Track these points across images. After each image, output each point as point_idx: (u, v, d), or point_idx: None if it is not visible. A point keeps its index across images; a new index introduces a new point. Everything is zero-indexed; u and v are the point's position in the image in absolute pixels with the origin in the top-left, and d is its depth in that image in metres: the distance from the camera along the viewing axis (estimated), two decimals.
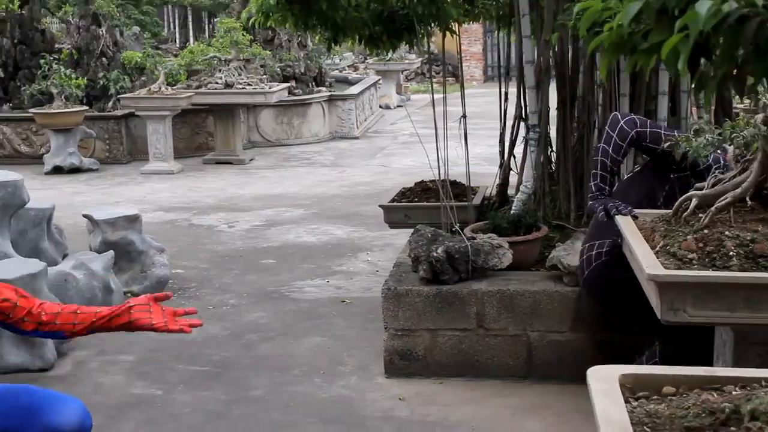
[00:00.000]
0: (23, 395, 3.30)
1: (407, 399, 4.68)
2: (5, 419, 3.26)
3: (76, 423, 3.22)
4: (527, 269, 5.08)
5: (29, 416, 3.23)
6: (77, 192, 11.06)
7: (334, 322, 5.92)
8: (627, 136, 3.97)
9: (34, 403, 3.25)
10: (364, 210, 9.38)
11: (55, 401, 3.26)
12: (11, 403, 3.27)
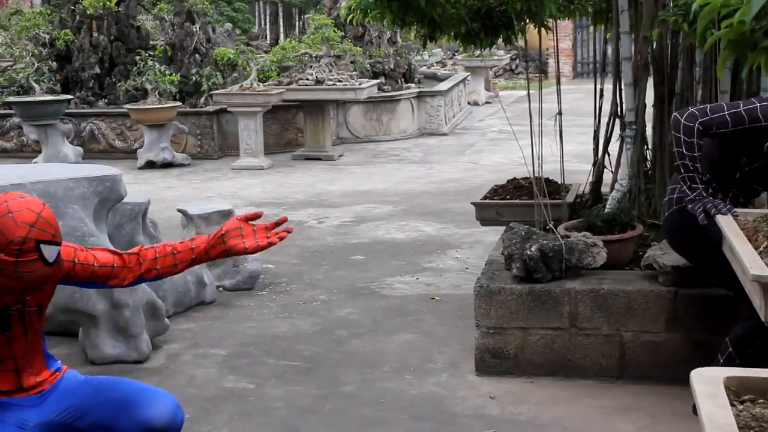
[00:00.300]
0: (117, 388, 3.36)
1: (498, 397, 4.65)
2: (99, 411, 3.33)
3: (167, 417, 3.27)
4: (621, 268, 5.01)
5: (122, 409, 3.28)
6: (170, 186, 11.24)
7: (424, 318, 5.91)
8: (692, 131, 3.88)
9: (127, 397, 3.31)
10: (452, 207, 9.36)
11: (148, 395, 3.31)
12: (105, 396, 3.34)
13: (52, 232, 2.97)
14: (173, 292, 5.99)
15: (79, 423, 3.35)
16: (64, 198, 5.97)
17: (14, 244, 2.90)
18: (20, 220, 2.91)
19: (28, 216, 2.93)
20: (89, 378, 3.53)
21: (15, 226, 2.91)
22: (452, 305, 6.14)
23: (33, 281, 3.02)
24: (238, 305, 6.31)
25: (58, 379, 3.46)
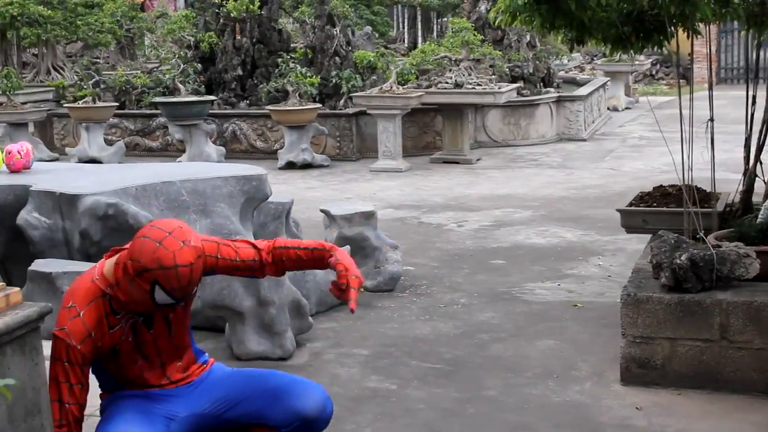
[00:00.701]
0: (269, 379, 3.44)
1: (645, 409, 4.56)
2: (251, 402, 3.40)
3: (319, 408, 3.34)
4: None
5: (274, 399, 3.36)
6: (309, 187, 11.40)
7: (567, 326, 5.84)
8: None
9: (280, 387, 3.38)
10: (593, 213, 9.23)
11: (300, 386, 3.38)
12: (257, 387, 3.41)
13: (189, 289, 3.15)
14: (316, 291, 6.08)
15: (229, 414, 3.43)
16: (212, 196, 6.12)
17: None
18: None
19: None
20: (238, 370, 3.62)
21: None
22: (595, 313, 6.05)
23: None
24: (379, 306, 6.35)
25: (206, 372, 3.56)
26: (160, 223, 3.21)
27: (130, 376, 3.39)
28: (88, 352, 3.21)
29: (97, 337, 3.21)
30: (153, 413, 3.34)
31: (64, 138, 15.03)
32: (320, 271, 6.07)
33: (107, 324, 3.23)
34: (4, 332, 2.89)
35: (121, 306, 3.22)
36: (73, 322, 3.18)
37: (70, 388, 3.21)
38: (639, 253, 6.77)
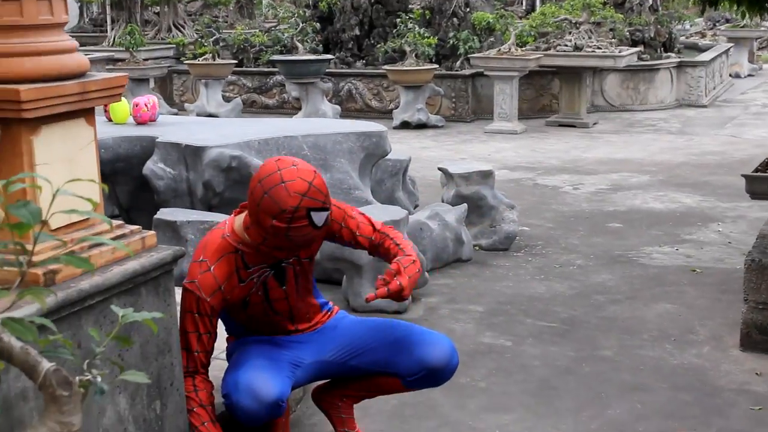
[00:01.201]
0: (397, 328, 3.50)
1: (764, 375, 4.50)
2: (378, 350, 3.46)
3: (445, 359, 3.38)
4: None
5: (401, 348, 3.41)
6: (424, 147, 11.43)
7: (684, 290, 5.77)
8: None
9: (407, 337, 3.43)
10: (713, 180, 9.06)
11: (428, 336, 3.43)
12: (385, 335, 3.47)
13: (323, 199, 3.11)
14: (432, 247, 6.12)
15: (354, 361, 3.50)
16: (333, 151, 6.21)
17: (286, 213, 3.06)
18: (293, 190, 3.05)
19: (300, 186, 3.06)
20: (364, 319, 3.69)
21: (288, 196, 3.05)
22: (714, 279, 5.96)
23: (303, 243, 3.20)
24: (494, 264, 6.37)
25: (332, 319, 3.63)
26: (272, 161, 3.18)
27: (258, 326, 3.49)
28: (217, 304, 3.29)
29: (226, 290, 3.30)
30: (280, 359, 3.43)
31: (183, 94, 15.36)
32: (436, 228, 6.11)
33: (237, 278, 3.31)
34: (140, 273, 2.99)
35: (254, 260, 3.31)
36: (203, 275, 3.26)
37: (199, 337, 3.31)
38: (761, 220, 6.65)
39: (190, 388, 3.30)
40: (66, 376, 1.68)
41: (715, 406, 4.18)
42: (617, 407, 4.15)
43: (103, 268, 2.90)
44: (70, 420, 1.70)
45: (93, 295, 2.78)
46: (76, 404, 1.70)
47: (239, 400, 3.23)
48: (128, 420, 3.01)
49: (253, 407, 3.21)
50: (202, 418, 3.30)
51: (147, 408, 3.10)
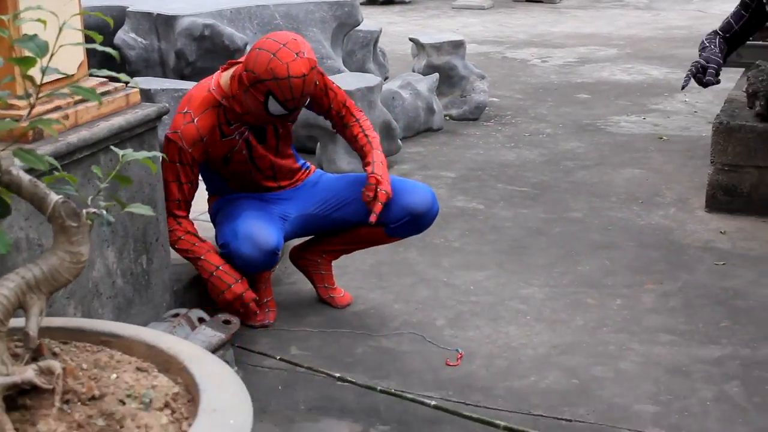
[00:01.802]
0: None
1: (728, 233, 4.65)
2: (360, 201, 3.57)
3: (427, 204, 3.53)
4: None
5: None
6: (391, 22, 11.37)
7: (652, 156, 5.90)
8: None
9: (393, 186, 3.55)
10: (680, 53, 9.14)
11: (409, 185, 3.56)
12: None
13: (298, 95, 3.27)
14: (404, 116, 6.18)
15: (338, 213, 3.61)
16: (305, 21, 6.20)
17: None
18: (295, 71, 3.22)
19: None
20: (345, 174, 3.79)
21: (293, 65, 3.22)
22: (681, 145, 6.09)
23: (262, 116, 3.36)
24: (464, 133, 6.45)
25: (311, 176, 3.73)
26: (276, 35, 3.32)
27: (242, 184, 3.58)
28: (198, 155, 3.38)
29: (208, 143, 3.38)
30: (270, 212, 3.53)
31: None
32: (408, 97, 6.16)
33: (220, 133, 3.38)
34: (125, 128, 3.04)
35: (236, 117, 3.37)
36: (186, 126, 3.35)
37: (179, 186, 3.40)
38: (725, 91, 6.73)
39: (173, 222, 3.40)
40: (74, 207, 1.76)
41: (682, 262, 4.33)
42: (587, 264, 4.29)
43: (90, 123, 2.94)
44: (79, 250, 1.78)
45: (81, 149, 2.83)
46: (84, 235, 1.78)
47: (239, 247, 3.33)
48: (116, 273, 3.10)
49: (254, 254, 3.32)
50: (191, 241, 3.41)
51: (134, 262, 3.19)
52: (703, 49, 4.51)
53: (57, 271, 1.75)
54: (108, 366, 1.82)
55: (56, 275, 1.75)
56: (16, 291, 1.71)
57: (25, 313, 1.73)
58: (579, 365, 3.41)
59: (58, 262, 1.75)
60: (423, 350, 3.50)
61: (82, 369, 1.77)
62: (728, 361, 3.42)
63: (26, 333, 1.71)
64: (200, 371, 1.80)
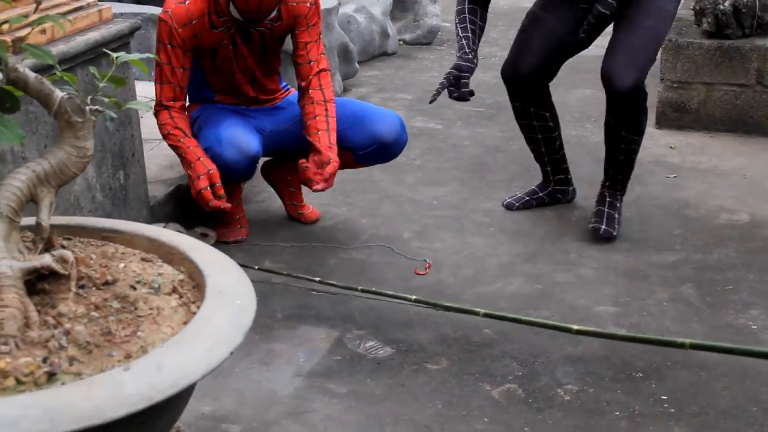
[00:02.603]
0: (350, 105, 3.69)
1: (678, 148, 4.82)
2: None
3: (396, 134, 3.60)
4: None
5: (355, 123, 3.61)
6: None
7: None
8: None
9: (360, 112, 3.63)
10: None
11: (380, 113, 3.64)
12: (341, 109, 3.65)
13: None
14: (359, 40, 6.24)
15: None
16: None
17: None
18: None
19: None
20: None
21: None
22: None
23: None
24: (418, 57, 6.53)
25: (289, 96, 3.80)
26: None
27: (223, 84, 3.65)
28: (188, 38, 3.42)
29: (197, 27, 3.42)
30: (248, 122, 3.61)
31: None
32: (363, 21, 6.22)
33: (209, 21, 3.43)
34: (101, 43, 3.09)
35: (223, 10, 3.41)
36: (177, 6, 3.40)
37: (172, 70, 3.45)
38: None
39: (165, 115, 3.46)
40: (79, 103, 1.83)
41: (635, 176, 4.45)
42: None
43: (66, 37, 2.99)
44: (85, 144, 1.86)
45: (60, 63, 2.88)
46: (89, 130, 1.86)
47: (223, 151, 3.41)
48: (96, 188, 3.17)
49: (237, 157, 3.40)
50: (178, 136, 3.46)
51: (112, 177, 3.26)
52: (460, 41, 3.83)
53: (65, 165, 1.83)
54: (114, 257, 1.91)
55: (64, 169, 1.83)
56: (28, 184, 1.78)
57: (36, 206, 1.81)
58: (542, 272, 3.55)
59: (66, 156, 1.83)
60: (392, 261, 3.63)
61: (91, 259, 1.86)
62: (682, 265, 3.59)
63: (39, 223, 1.79)
64: (203, 259, 1.90)
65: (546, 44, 3.74)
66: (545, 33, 3.74)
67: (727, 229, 3.90)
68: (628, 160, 3.83)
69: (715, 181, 4.41)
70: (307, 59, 3.58)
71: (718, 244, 3.77)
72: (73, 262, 1.75)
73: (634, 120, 3.61)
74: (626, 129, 3.68)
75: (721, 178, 4.46)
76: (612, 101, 3.57)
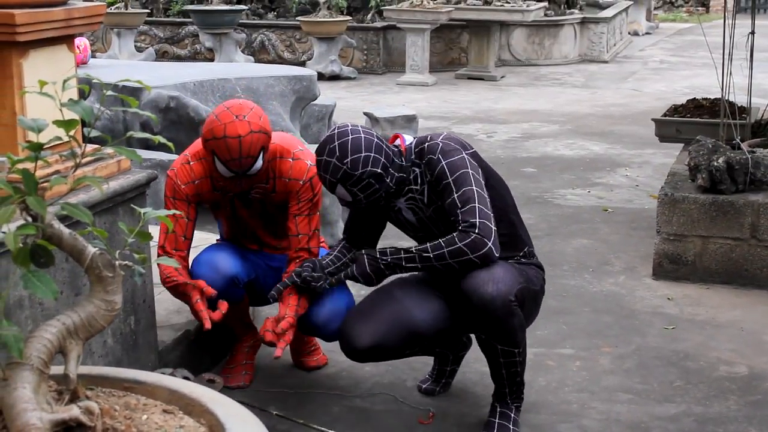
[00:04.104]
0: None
1: (675, 299, 4.89)
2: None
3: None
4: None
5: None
6: (339, 97, 11.57)
7: (598, 227, 6.16)
8: None
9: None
10: (619, 129, 9.51)
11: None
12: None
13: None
14: None
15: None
16: (265, 94, 6.40)
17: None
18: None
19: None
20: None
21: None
22: (625, 217, 6.36)
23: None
24: None
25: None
26: (229, 101, 3.52)
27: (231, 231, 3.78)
28: (191, 194, 3.57)
29: (200, 186, 3.58)
30: (245, 256, 3.70)
31: (94, 44, 15.21)
32: None
33: (211, 183, 3.58)
34: (119, 193, 3.19)
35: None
36: (182, 167, 3.58)
37: (176, 219, 3.52)
38: (664, 165, 7.09)
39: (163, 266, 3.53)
40: (110, 259, 1.91)
41: (633, 327, 4.55)
42: (545, 329, 4.48)
43: (86, 188, 3.08)
44: (114, 299, 1.93)
45: None
46: (118, 285, 1.93)
47: (195, 270, 3.55)
48: (107, 333, 3.22)
49: (210, 275, 3.51)
50: (173, 277, 3.53)
51: (123, 322, 3.31)
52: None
53: (93, 318, 1.90)
54: (137, 408, 1.96)
55: (93, 322, 1.90)
56: (58, 336, 1.85)
57: (65, 357, 1.87)
58: (544, 423, 3.58)
59: (95, 309, 1.90)
60: (395, 409, 3.66)
61: (115, 410, 1.91)
62: (683, 417, 3.63)
63: (66, 375, 1.84)
64: (224, 412, 1.95)
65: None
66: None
67: (726, 382, 3.94)
68: (511, 374, 3.42)
69: (713, 333, 4.47)
70: (295, 231, 3.61)
71: (718, 396, 3.81)
72: (98, 414, 1.80)
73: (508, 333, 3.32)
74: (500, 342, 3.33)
75: (719, 330, 4.52)
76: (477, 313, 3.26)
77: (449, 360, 3.84)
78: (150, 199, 3.64)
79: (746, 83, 5.51)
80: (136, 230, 2.07)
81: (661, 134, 6.35)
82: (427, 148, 3.35)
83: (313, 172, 3.51)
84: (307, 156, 3.58)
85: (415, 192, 3.38)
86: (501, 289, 3.17)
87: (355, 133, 3.26)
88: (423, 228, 3.45)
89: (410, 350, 3.49)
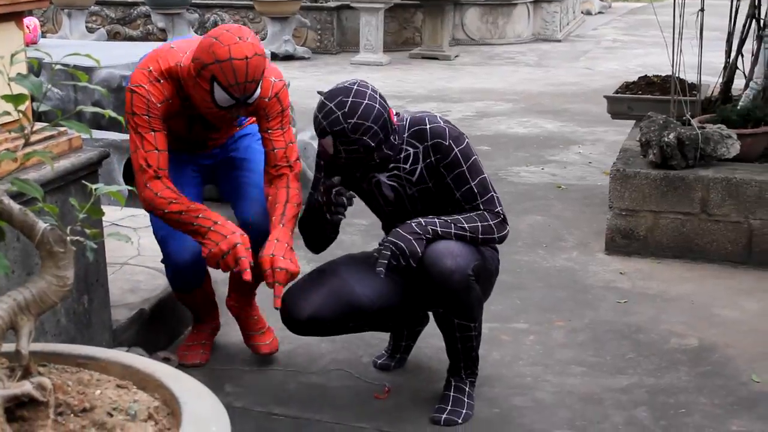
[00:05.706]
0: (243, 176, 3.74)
1: (627, 273, 4.95)
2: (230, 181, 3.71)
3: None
4: (751, 162, 5.21)
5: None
6: (293, 77, 11.52)
7: (552, 204, 6.20)
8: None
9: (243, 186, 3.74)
10: (572, 107, 9.57)
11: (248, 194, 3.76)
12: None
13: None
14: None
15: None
16: None
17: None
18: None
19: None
20: (252, 159, 3.77)
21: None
22: (579, 194, 6.42)
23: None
24: None
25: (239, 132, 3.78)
26: (223, 26, 3.27)
27: (173, 135, 3.51)
28: (164, 112, 3.32)
29: (171, 106, 3.33)
30: (183, 165, 3.65)
31: (44, 25, 15.02)
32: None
33: (180, 104, 3.36)
34: (70, 171, 3.17)
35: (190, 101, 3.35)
36: (153, 85, 3.27)
37: (154, 135, 3.30)
38: (616, 143, 7.14)
39: (160, 186, 3.33)
40: (60, 234, 1.90)
41: (586, 301, 4.60)
42: (499, 304, 4.52)
43: (37, 165, 3.06)
44: (65, 274, 1.91)
45: None
46: (70, 260, 1.92)
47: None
48: (60, 312, 3.20)
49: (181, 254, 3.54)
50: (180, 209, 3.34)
51: (76, 302, 3.29)
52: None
53: (45, 294, 1.88)
54: (90, 383, 1.95)
55: (44, 297, 1.88)
56: (9, 312, 1.83)
57: (16, 334, 1.86)
58: (499, 395, 3.62)
59: (46, 285, 1.88)
60: (352, 385, 3.67)
61: (68, 385, 1.90)
62: (635, 389, 3.68)
63: (18, 351, 1.83)
64: (178, 387, 1.95)
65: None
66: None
67: (677, 354, 4.00)
68: (467, 349, 3.45)
69: (664, 306, 4.53)
70: (271, 146, 3.47)
71: (669, 367, 3.87)
72: (51, 389, 1.79)
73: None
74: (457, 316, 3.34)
75: (670, 303, 4.58)
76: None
77: (404, 335, 3.86)
78: (102, 179, 3.61)
79: (696, 61, 5.56)
80: (87, 206, 2.06)
81: (613, 111, 6.41)
82: (431, 132, 3.32)
83: (278, 88, 3.41)
84: (270, 73, 3.41)
85: (401, 170, 3.34)
86: (460, 263, 3.19)
87: (372, 100, 3.17)
88: (397, 204, 3.44)
89: (354, 324, 3.45)
